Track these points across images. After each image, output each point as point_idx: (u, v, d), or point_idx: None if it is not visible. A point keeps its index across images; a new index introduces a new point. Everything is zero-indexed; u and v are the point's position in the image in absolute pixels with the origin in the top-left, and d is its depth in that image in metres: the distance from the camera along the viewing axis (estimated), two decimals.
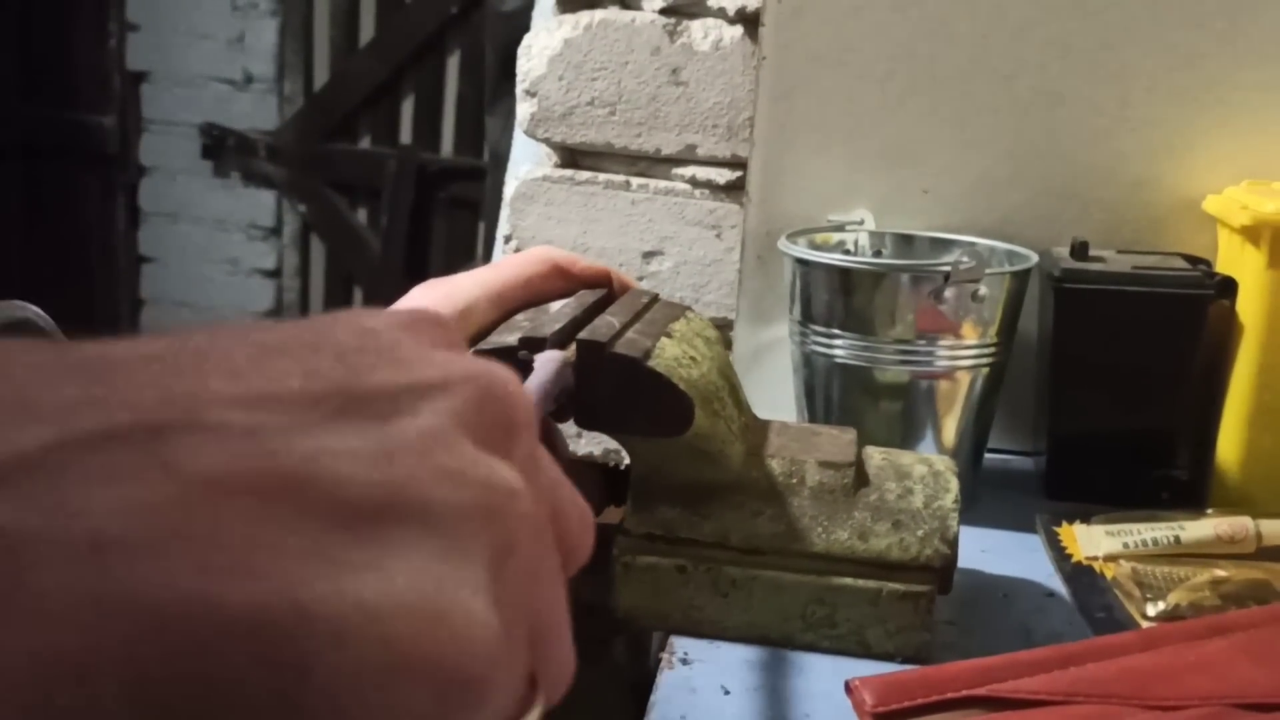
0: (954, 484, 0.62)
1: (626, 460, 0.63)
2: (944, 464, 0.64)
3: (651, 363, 0.57)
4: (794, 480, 0.61)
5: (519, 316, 0.62)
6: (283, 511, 0.19)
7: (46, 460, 0.18)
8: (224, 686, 0.17)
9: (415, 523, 0.20)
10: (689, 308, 0.67)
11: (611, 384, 0.57)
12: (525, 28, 1.09)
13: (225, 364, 0.20)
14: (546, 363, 0.52)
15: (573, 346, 0.57)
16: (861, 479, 0.62)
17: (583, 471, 0.62)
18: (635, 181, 1.04)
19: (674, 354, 0.59)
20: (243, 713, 0.17)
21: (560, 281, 0.65)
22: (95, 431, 0.18)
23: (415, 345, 0.23)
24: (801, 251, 0.81)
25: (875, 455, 0.64)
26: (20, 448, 0.18)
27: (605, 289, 0.66)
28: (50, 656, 0.17)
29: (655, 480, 0.61)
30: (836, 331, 0.79)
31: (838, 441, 0.64)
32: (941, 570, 0.60)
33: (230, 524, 0.18)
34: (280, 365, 0.21)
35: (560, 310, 0.62)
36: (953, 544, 0.60)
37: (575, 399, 0.56)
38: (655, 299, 0.67)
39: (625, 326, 0.60)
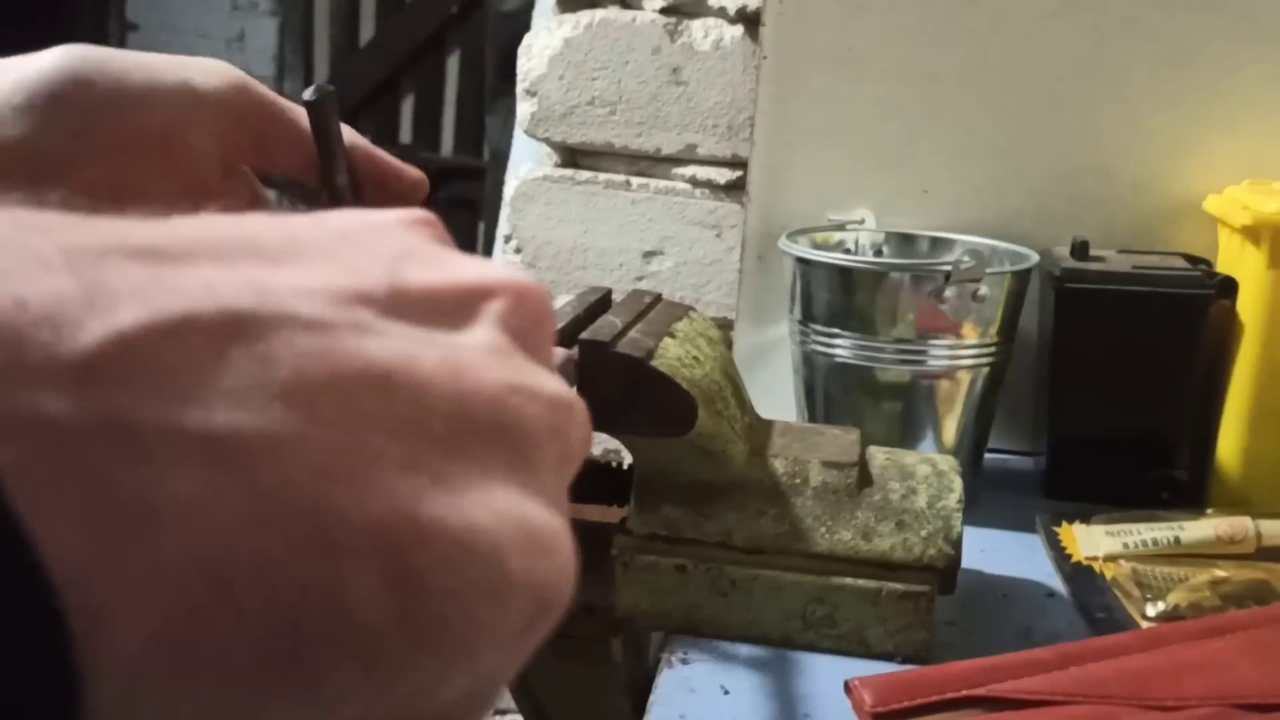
0: (958, 484, 0.62)
1: (628, 460, 0.63)
2: (948, 464, 0.64)
3: (654, 362, 0.57)
4: (797, 480, 0.61)
5: None
6: (377, 415, 0.18)
7: (145, 344, 0.16)
8: (349, 602, 0.17)
9: (490, 438, 0.20)
10: (692, 307, 0.67)
11: (614, 384, 0.57)
12: (525, 27, 1.09)
13: (268, 253, 0.19)
14: None
15: (575, 346, 0.57)
16: (865, 479, 0.62)
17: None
18: (635, 181, 1.04)
19: (677, 354, 0.59)
20: (363, 628, 0.17)
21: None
22: (181, 316, 0.17)
23: (428, 242, 0.22)
24: (802, 251, 0.81)
25: (879, 455, 0.64)
26: (117, 326, 0.16)
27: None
28: (191, 566, 0.16)
29: (659, 480, 0.61)
30: (837, 331, 0.79)
31: (841, 441, 0.64)
32: (945, 570, 0.60)
33: (335, 424, 0.17)
34: (317, 256, 0.20)
35: (561, 309, 0.62)
36: (956, 544, 0.60)
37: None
38: (658, 299, 0.67)
39: (628, 326, 0.60)
